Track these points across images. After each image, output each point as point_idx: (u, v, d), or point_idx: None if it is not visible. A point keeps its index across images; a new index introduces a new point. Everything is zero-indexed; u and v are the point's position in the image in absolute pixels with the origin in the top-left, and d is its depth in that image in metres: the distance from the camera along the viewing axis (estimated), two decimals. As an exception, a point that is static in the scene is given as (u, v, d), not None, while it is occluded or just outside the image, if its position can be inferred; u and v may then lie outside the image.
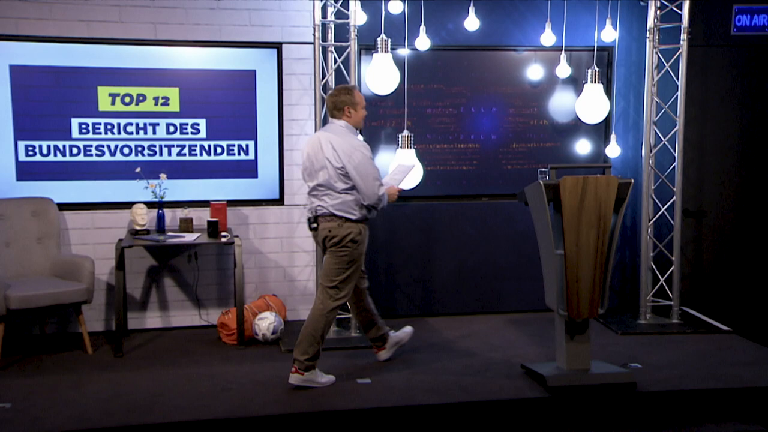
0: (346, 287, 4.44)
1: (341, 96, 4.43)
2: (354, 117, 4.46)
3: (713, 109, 6.06)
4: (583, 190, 4.23)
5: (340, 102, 4.43)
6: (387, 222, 5.83)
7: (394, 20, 5.32)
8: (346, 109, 4.43)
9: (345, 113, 4.44)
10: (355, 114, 4.46)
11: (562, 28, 5.61)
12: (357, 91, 4.49)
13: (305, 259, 5.72)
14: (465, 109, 5.88)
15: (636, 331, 5.50)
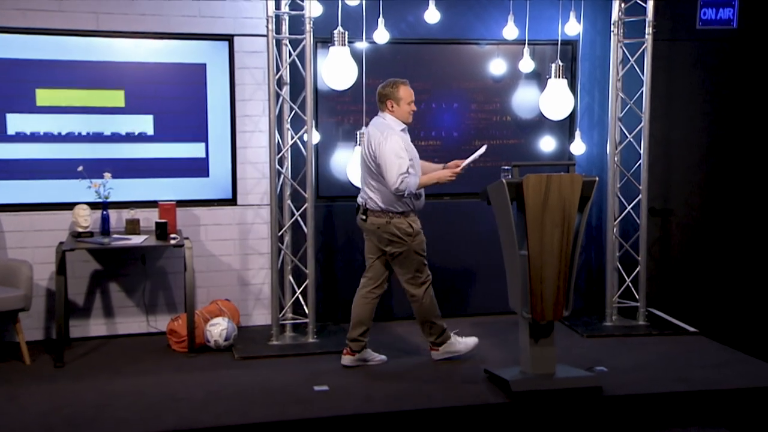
0: (422, 273, 4.78)
1: (386, 89, 4.72)
2: (396, 111, 4.72)
3: (679, 104, 6.17)
4: (546, 189, 4.26)
5: (383, 95, 4.72)
6: (345, 222, 5.82)
7: (351, 12, 5.31)
8: (389, 102, 4.70)
9: (387, 107, 4.71)
10: (398, 109, 4.71)
11: (525, 21, 5.65)
12: (404, 86, 4.71)
13: (260, 261, 5.69)
14: (426, 105, 5.89)
15: (602, 333, 5.57)
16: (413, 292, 4.81)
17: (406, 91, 4.72)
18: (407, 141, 4.75)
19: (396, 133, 4.65)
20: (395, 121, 4.72)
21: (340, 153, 5.78)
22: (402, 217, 4.69)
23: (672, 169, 6.22)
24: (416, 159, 4.77)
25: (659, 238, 6.23)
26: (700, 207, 6.30)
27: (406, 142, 4.72)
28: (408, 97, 4.72)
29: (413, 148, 4.80)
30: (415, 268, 4.76)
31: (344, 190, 5.73)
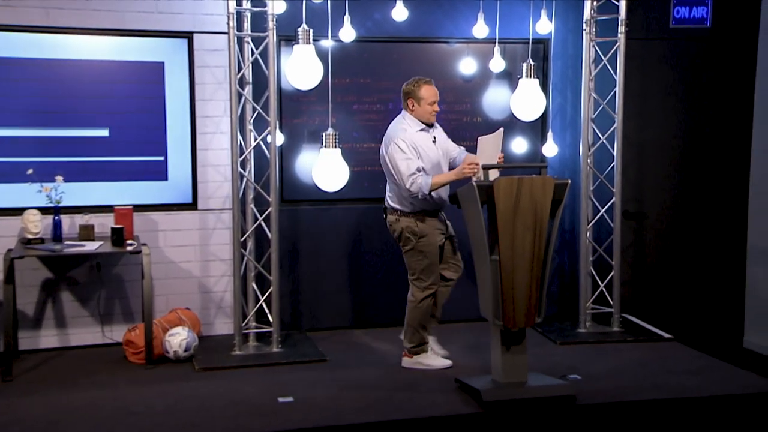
0: (428, 278, 4.85)
1: (408, 86, 4.83)
2: (417, 111, 4.82)
3: (652, 105, 6.25)
4: (518, 192, 4.28)
5: (405, 93, 4.84)
6: (310, 227, 5.83)
7: (316, 9, 5.29)
8: (410, 101, 4.82)
9: (408, 105, 4.83)
10: (419, 108, 4.80)
11: (495, 19, 5.68)
12: (427, 85, 4.79)
13: (222, 268, 5.66)
14: (394, 105, 5.87)
15: (575, 340, 5.61)
16: (414, 294, 4.90)
17: (429, 90, 4.79)
18: (424, 140, 4.81)
19: (405, 135, 4.75)
20: (414, 121, 4.82)
21: (306, 155, 5.77)
22: (410, 216, 4.83)
23: (646, 171, 6.29)
24: (435, 158, 4.82)
25: (633, 242, 6.30)
26: (675, 210, 6.37)
27: (421, 142, 4.79)
28: (430, 97, 4.79)
29: (435, 148, 4.85)
30: (420, 269, 4.85)
31: (309, 194, 5.74)
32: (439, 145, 4.91)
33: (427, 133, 4.87)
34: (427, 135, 4.87)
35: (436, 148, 4.87)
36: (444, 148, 4.95)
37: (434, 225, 4.88)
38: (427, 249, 4.85)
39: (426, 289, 4.89)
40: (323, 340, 5.57)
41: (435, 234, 4.88)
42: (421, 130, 4.83)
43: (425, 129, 4.85)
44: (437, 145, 4.90)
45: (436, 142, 4.89)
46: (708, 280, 6.39)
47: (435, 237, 4.88)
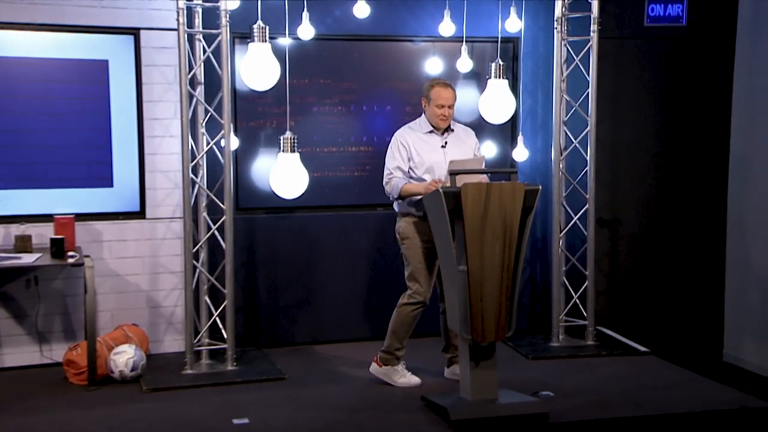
0: (412, 285, 4.88)
1: (425, 85, 4.98)
2: (427, 112, 4.92)
3: (627, 106, 6.28)
4: (486, 198, 4.28)
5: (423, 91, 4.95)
6: (267, 236, 5.79)
7: (272, 5, 5.24)
8: (423, 101, 4.94)
9: (423, 105, 4.95)
10: (428, 109, 4.91)
11: (462, 17, 5.69)
12: (438, 87, 4.86)
13: (172, 281, 5.59)
14: (356, 107, 5.90)
15: (548, 354, 5.62)
16: (402, 299, 4.94)
17: (437, 92, 4.84)
18: (427, 143, 4.86)
19: (405, 132, 4.91)
20: (424, 122, 4.93)
21: (262, 160, 5.74)
22: (399, 217, 4.96)
23: (620, 176, 6.32)
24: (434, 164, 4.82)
25: (608, 250, 6.32)
26: (652, 216, 6.41)
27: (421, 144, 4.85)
28: (437, 99, 4.84)
29: (441, 154, 4.85)
30: (408, 273, 4.91)
31: (266, 202, 5.71)
32: (451, 152, 4.87)
33: (436, 136, 4.90)
34: (434, 139, 4.90)
35: (442, 154, 4.85)
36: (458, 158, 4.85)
37: (420, 229, 4.84)
38: (409, 253, 4.88)
39: (410, 297, 4.88)
40: (281, 357, 5.53)
41: (418, 239, 4.85)
42: (429, 132, 4.90)
43: (434, 132, 4.90)
44: (446, 151, 4.88)
45: (446, 148, 4.88)
46: (686, 291, 6.43)
47: (418, 242, 4.85)
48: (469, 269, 4.30)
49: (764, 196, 5.83)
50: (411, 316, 4.91)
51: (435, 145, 4.89)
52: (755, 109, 5.93)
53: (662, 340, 6.05)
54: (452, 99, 4.88)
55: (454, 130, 4.98)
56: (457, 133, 5.00)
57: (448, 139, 4.93)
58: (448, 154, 4.88)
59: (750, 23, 5.98)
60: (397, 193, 4.80)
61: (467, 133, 5.07)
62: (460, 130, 5.05)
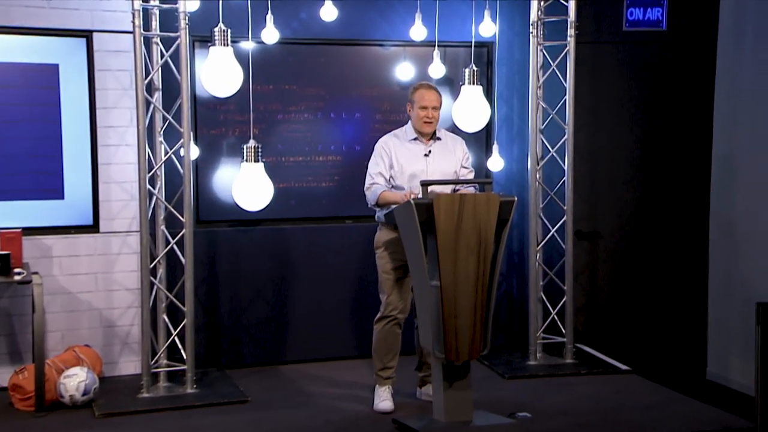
0: (383, 297, 4.89)
1: (409, 90, 4.98)
2: (412, 117, 4.92)
3: (606, 114, 6.33)
4: (460, 211, 4.28)
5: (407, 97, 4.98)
6: (230, 251, 5.76)
7: (234, 7, 5.24)
8: (408, 105, 4.95)
9: (408, 110, 4.96)
10: (412, 113, 4.91)
11: (434, 21, 5.70)
12: (421, 89, 4.88)
13: (128, 298, 5.53)
14: (323, 115, 5.89)
15: (525, 373, 5.62)
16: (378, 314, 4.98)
17: (421, 94, 4.87)
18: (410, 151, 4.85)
19: (388, 139, 4.90)
20: (410, 129, 4.93)
21: (224, 170, 5.72)
22: (379, 227, 4.94)
23: (600, 187, 6.35)
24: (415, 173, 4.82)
25: (587, 264, 6.35)
26: (632, 228, 6.45)
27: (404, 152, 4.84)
28: (420, 101, 4.86)
29: (423, 163, 4.85)
30: (379, 285, 4.94)
31: (229, 214, 5.69)
32: (435, 162, 4.88)
33: (420, 144, 4.89)
34: (418, 147, 4.89)
35: (425, 164, 4.86)
36: (442, 168, 4.88)
37: (393, 240, 4.82)
38: (380, 263, 4.89)
39: (382, 311, 4.89)
40: (244, 378, 5.49)
41: (392, 250, 4.83)
42: (413, 140, 4.89)
43: (419, 140, 4.90)
44: (430, 160, 4.88)
45: (429, 157, 4.88)
46: (668, 306, 6.47)
47: (393, 254, 4.83)
48: (442, 284, 4.29)
49: (748, 207, 5.88)
50: (384, 332, 4.89)
51: (418, 154, 4.87)
52: (738, 116, 5.99)
53: (644, 358, 6.08)
54: (437, 101, 4.88)
55: (441, 139, 4.96)
56: (445, 141, 4.97)
57: (433, 147, 4.90)
58: (431, 163, 4.87)
59: (731, 27, 6.05)
60: (374, 200, 4.79)
61: (456, 142, 5.04)
62: (448, 138, 5.02)
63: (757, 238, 5.76)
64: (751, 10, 5.86)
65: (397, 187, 4.82)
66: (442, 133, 5.01)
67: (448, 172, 4.90)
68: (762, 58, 5.75)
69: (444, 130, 5.09)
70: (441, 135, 4.98)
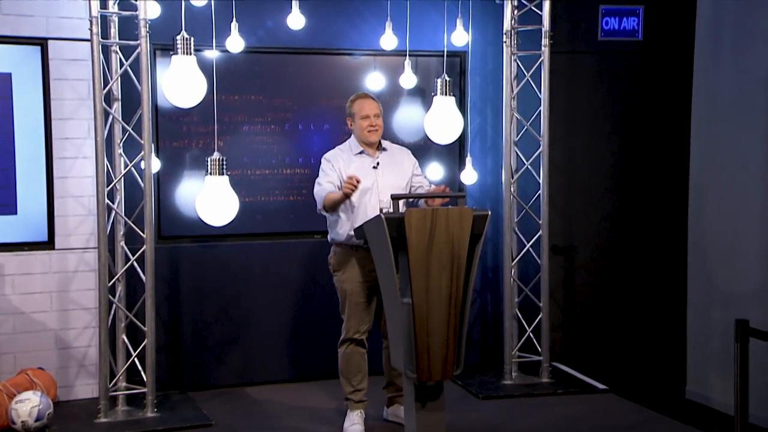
0: (346, 321, 4.88)
1: (346, 105, 4.97)
2: (354, 130, 4.92)
3: (581, 126, 6.35)
4: (432, 225, 4.25)
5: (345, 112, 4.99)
6: (193, 268, 5.72)
7: (197, 14, 5.22)
8: (348, 120, 4.95)
9: (349, 125, 4.96)
10: (354, 126, 4.91)
11: (405, 29, 5.69)
12: (360, 99, 4.90)
13: (85, 318, 5.46)
14: (291, 126, 5.87)
15: (500, 393, 5.62)
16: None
17: (360, 104, 4.88)
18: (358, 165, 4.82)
19: (334, 155, 4.90)
20: (354, 143, 4.93)
21: (187, 184, 5.69)
22: (333, 246, 4.96)
23: (575, 200, 6.37)
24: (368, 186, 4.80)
25: (563, 280, 6.35)
26: (609, 243, 6.46)
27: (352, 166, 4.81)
28: (361, 111, 4.86)
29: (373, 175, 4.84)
30: (340, 306, 4.93)
31: (192, 229, 5.66)
32: (385, 173, 4.88)
33: (367, 157, 4.89)
34: (366, 159, 4.89)
35: (374, 176, 4.85)
36: (392, 180, 4.87)
37: (355, 260, 4.82)
38: (341, 287, 4.88)
39: (344, 334, 4.88)
40: (208, 401, 5.45)
41: (353, 271, 4.83)
42: (359, 154, 4.88)
43: (365, 153, 4.89)
44: (379, 172, 4.87)
45: (378, 168, 4.88)
46: (647, 323, 6.48)
47: (352, 274, 4.83)
48: (413, 302, 4.24)
49: (727, 223, 5.89)
50: (348, 355, 4.90)
51: (366, 167, 4.87)
52: (715, 127, 6.01)
53: (622, 377, 6.08)
54: (377, 108, 4.89)
55: (387, 150, 4.97)
56: (391, 152, 4.99)
57: (380, 159, 4.91)
58: (381, 175, 4.87)
59: (708, 37, 6.08)
60: (321, 203, 4.82)
61: (402, 152, 5.06)
62: (394, 149, 5.04)
63: (736, 254, 5.78)
64: (728, 19, 5.90)
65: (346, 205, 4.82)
66: (387, 143, 5.03)
67: (399, 184, 4.90)
68: (739, 68, 5.79)
69: (388, 142, 5.09)
70: (386, 145, 5.00)
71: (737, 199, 5.77)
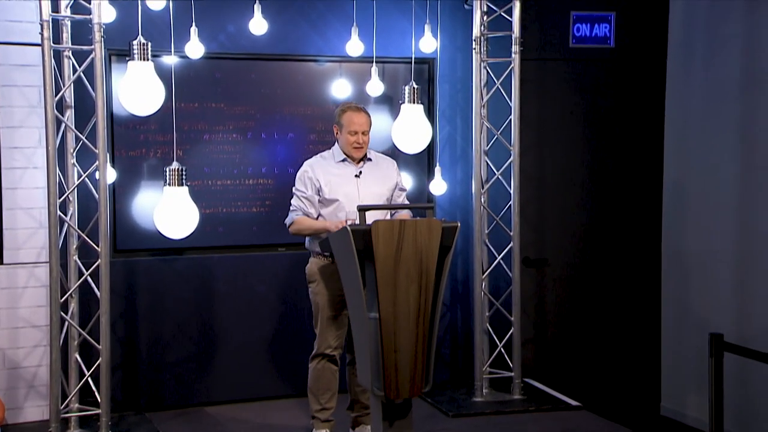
0: (318, 335, 4.88)
1: (336, 110, 5.00)
2: (339, 140, 4.94)
3: (553, 134, 6.38)
4: (400, 237, 4.23)
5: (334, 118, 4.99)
6: (151, 282, 5.68)
7: (154, 18, 5.18)
8: (335, 127, 4.96)
9: (335, 132, 4.97)
10: (340, 137, 4.93)
11: (372, 35, 5.68)
12: (350, 111, 4.89)
13: (35, 336, 5.39)
14: (253, 135, 5.85)
15: (470, 411, 5.61)
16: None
17: (349, 117, 4.87)
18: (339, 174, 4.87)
19: (315, 162, 4.92)
20: (337, 151, 4.95)
21: (145, 195, 5.67)
22: (311, 256, 4.95)
23: (547, 211, 6.39)
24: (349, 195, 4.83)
25: (535, 294, 6.37)
26: (581, 255, 6.49)
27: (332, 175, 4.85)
28: (348, 125, 4.86)
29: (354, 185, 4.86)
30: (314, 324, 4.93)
31: (150, 242, 5.64)
32: (366, 183, 4.89)
33: (350, 165, 4.90)
34: (348, 168, 4.90)
35: (356, 185, 4.87)
36: (375, 191, 4.89)
37: (328, 272, 4.81)
38: (315, 299, 4.88)
39: (318, 349, 4.88)
40: (166, 422, 5.42)
41: (325, 282, 4.82)
42: (342, 161, 4.92)
43: (347, 161, 4.91)
44: (360, 181, 4.89)
45: (360, 178, 4.89)
46: (620, 338, 6.51)
47: (324, 286, 4.83)
48: (380, 316, 4.22)
49: (701, 235, 5.94)
50: (319, 370, 4.88)
51: (348, 176, 4.88)
52: (689, 135, 6.07)
53: (595, 393, 6.10)
54: (366, 125, 4.90)
55: (372, 160, 4.98)
56: (376, 162, 5.00)
57: (363, 168, 4.91)
58: (362, 185, 4.87)
59: (680, 44, 6.15)
60: (288, 224, 4.88)
61: (388, 163, 5.08)
62: (380, 159, 5.06)
63: (711, 267, 5.81)
64: (700, 26, 5.97)
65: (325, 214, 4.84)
66: (373, 154, 5.03)
67: (382, 194, 4.93)
68: (711, 74, 5.85)
69: (374, 152, 5.09)
70: (372, 156, 5.01)
71: (712, 210, 5.83)
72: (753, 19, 5.52)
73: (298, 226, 4.84)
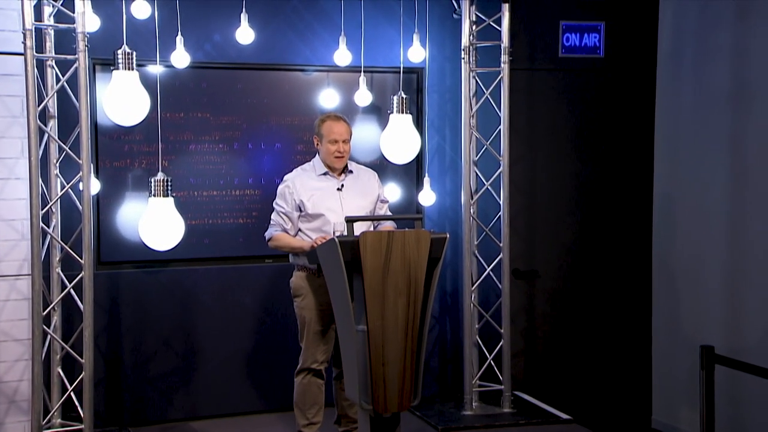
0: (304, 350, 4.89)
1: (315, 122, 5.03)
2: (320, 151, 4.97)
3: (543, 145, 6.39)
4: (388, 249, 4.26)
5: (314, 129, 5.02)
6: (134, 295, 5.65)
7: (140, 27, 5.17)
8: (315, 138, 4.99)
9: (315, 144, 5.00)
10: (321, 148, 4.95)
11: (360, 45, 5.70)
12: (329, 121, 4.92)
13: (17, 350, 5.32)
14: (240, 145, 5.84)
15: (460, 424, 5.61)
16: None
17: (329, 127, 4.90)
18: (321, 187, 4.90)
19: (296, 176, 4.95)
20: (318, 163, 4.98)
21: (129, 206, 5.64)
22: (294, 270, 4.97)
23: (537, 222, 6.40)
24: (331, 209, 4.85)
25: (525, 305, 6.37)
26: (572, 267, 6.50)
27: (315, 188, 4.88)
28: (328, 134, 4.89)
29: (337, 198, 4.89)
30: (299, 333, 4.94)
31: (134, 254, 5.60)
32: (350, 197, 4.92)
33: (331, 179, 4.93)
34: (330, 181, 4.93)
35: (338, 199, 4.90)
36: (358, 204, 4.92)
37: (314, 285, 4.84)
38: (302, 314, 4.90)
39: (303, 364, 4.89)
40: None
41: (311, 296, 4.85)
42: (323, 174, 4.94)
43: (329, 174, 4.95)
44: (343, 195, 4.91)
45: (342, 191, 4.91)
46: (611, 351, 6.52)
47: (311, 300, 4.85)
48: (369, 329, 4.24)
49: (691, 247, 5.96)
50: (305, 385, 4.89)
51: (330, 189, 4.90)
52: (679, 146, 6.10)
53: (586, 406, 6.10)
54: (347, 133, 4.92)
55: (353, 172, 5.01)
56: (357, 175, 5.03)
57: (345, 181, 4.93)
58: (345, 198, 4.88)
59: (670, 53, 6.18)
60: (267, 238, 4.96)
61: (369, 174, 5.11)
62: (361, 172, 5.08)
63: (702, 279, 5.84)
64: (690, 36, 6.01)
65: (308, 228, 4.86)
66: (353, 165, 5.06)
67: (365, 206, 4.96)
68: (701, 84, 5.89)
69: (354, 163, 5.12)
70: (353, 167, 5.03)
71: (702, 221, 5.85)
72: (742, 29, 5.56)
73: (276, 242, 4.92)
